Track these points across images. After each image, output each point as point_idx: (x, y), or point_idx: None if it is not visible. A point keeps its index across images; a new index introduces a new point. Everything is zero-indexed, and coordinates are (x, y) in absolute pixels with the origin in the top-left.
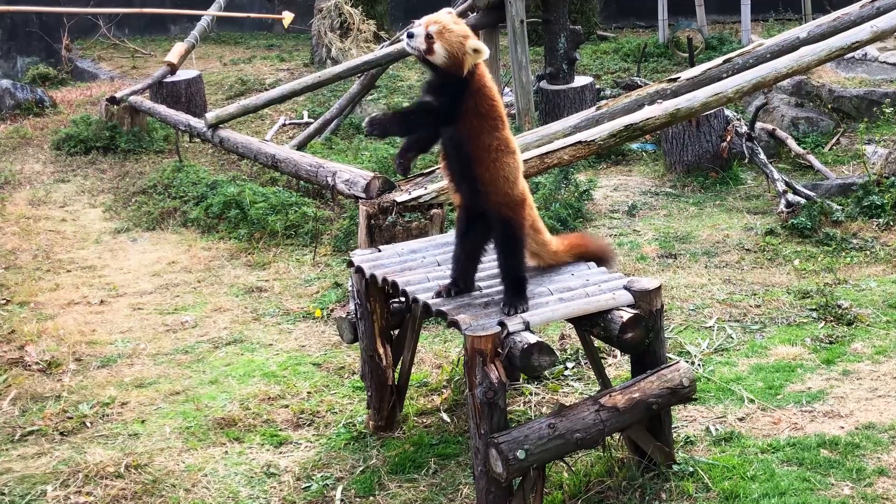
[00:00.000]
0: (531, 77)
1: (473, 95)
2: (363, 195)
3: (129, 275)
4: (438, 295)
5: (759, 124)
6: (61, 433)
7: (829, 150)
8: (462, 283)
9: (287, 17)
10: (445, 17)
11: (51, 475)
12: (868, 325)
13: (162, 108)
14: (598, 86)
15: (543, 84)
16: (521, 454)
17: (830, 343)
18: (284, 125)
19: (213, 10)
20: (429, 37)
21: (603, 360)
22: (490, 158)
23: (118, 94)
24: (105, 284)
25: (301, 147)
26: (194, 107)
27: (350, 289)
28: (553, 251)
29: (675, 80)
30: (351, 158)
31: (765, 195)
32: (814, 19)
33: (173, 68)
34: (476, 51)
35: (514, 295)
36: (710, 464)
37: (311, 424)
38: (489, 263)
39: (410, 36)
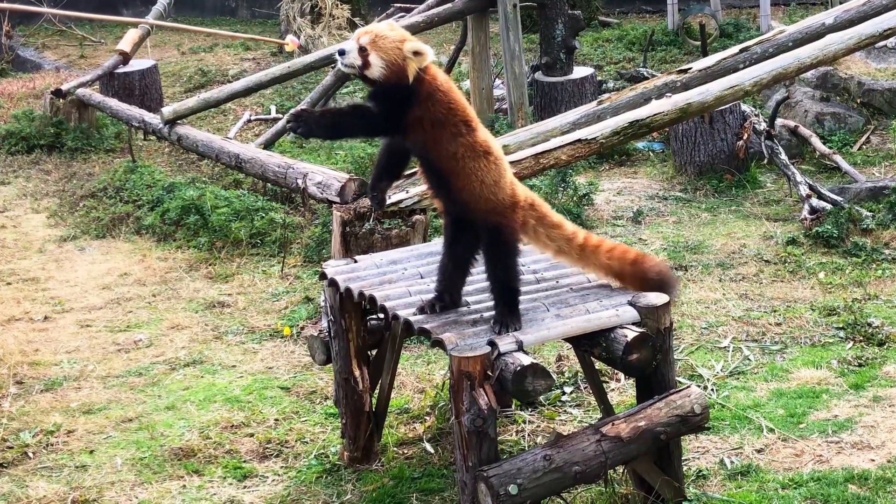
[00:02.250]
0: (525, 68)
1: (424, 102)
2: (337, 199)
3: (77, 288)
4: (422, 311)
5: (779, 121)
6: (0, 464)
7: (858, 149)
8: (448, 297)
9: (291, 42)
10: (378, 26)
11: None
12: None
13: (113, 102)
14: (599, 78)
15: (539, 75)
16: (513, 489)
17: (859, 366)
18: (250, 121)
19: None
20: (362, 49)
21: (605, 385)
22: (459, 167)
23: (64, 87)
24: (49, 299)
25: (268, 146)
26: (149, 100)
27: (322, 304)
28: (580, 245)
29: (685, 71)
30: (324, 158)
31: (786, 200)
32: (841, 3)
33: (126, 58)
34: (416, 53)
35: (506, 310)
36: (725, 500)
37: (279, 455)
38: (478, 276)
39: (342, 53)
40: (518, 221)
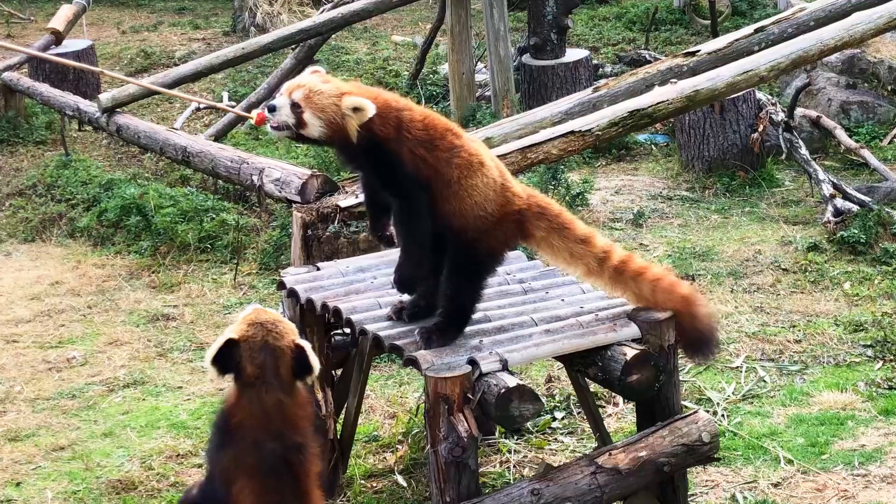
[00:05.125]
0: (511, 50)
1: (400, 133)
2: (298, 198)
3: (1, 298)
4: (391, 318)
5: (799, 110)
6: None
7: (889, 143)
8: (424, 301)
9: (258, 116)
10: (311, 79)
11: None
12: None
13: (44, 88)
14: (595, 61)
15: (527, 58)
16: None
17: (889, 388)
18: (199, 110)
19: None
20: (295, 106)
21: (601, 410)
22: (453, 191)
23: None
24: None
25: (220, 137)
26: (85, 86)
27: None
28: (614, 266)
29: (693, 54)
30: (283, 152)
31: (807, 200)
32: None
33: (58, 37)
34: (356, 109)
35: (443, 325)
36: None
37: None
38: None
39: (272, 110)
40: (494, 242)
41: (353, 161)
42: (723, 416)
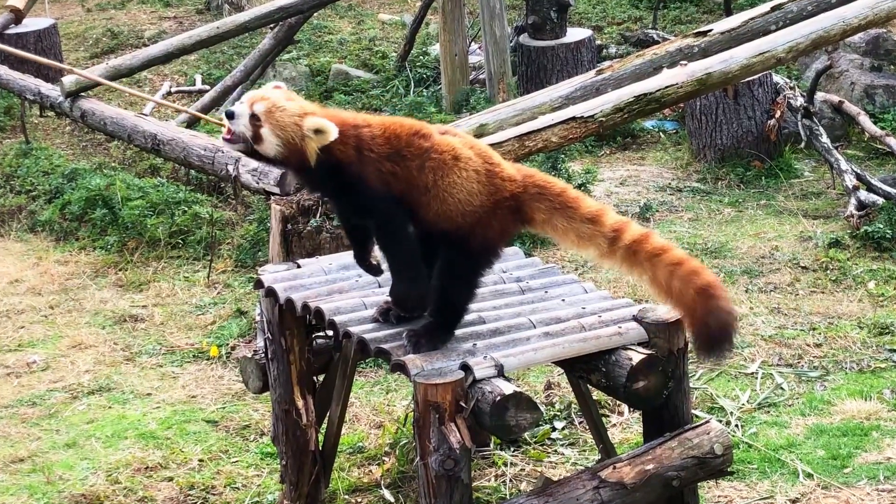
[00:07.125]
0: (507, 29)
1: (362, 150)
2: (277, 190)
3: None
4: (377, 320)
5: (820, 95)
6: None
7: None
8: None
9: (227, 128)
10: (274, 93)
11: None
12: None
13: (2, 70)
14: (598, 42)
15: (524, 39)
16: None
17: None
18: (170, 94)
19: None
20: (254, 118)
21: (605, 419)
22: (431, 195)
23: None
24: None
25: (192, 124)
26: (47, 68)
27: (258, 319)
28: (627, 245)
29: (704, 33)
30: None
31: (828, 192)
32: None
33: (18, 15)
34: (318, 131)
35: (434, 326)
36: None
37: None
38: None
39: (230, 116)
40: (487, 234)
41: (313, 186)
42: (737, 426)
